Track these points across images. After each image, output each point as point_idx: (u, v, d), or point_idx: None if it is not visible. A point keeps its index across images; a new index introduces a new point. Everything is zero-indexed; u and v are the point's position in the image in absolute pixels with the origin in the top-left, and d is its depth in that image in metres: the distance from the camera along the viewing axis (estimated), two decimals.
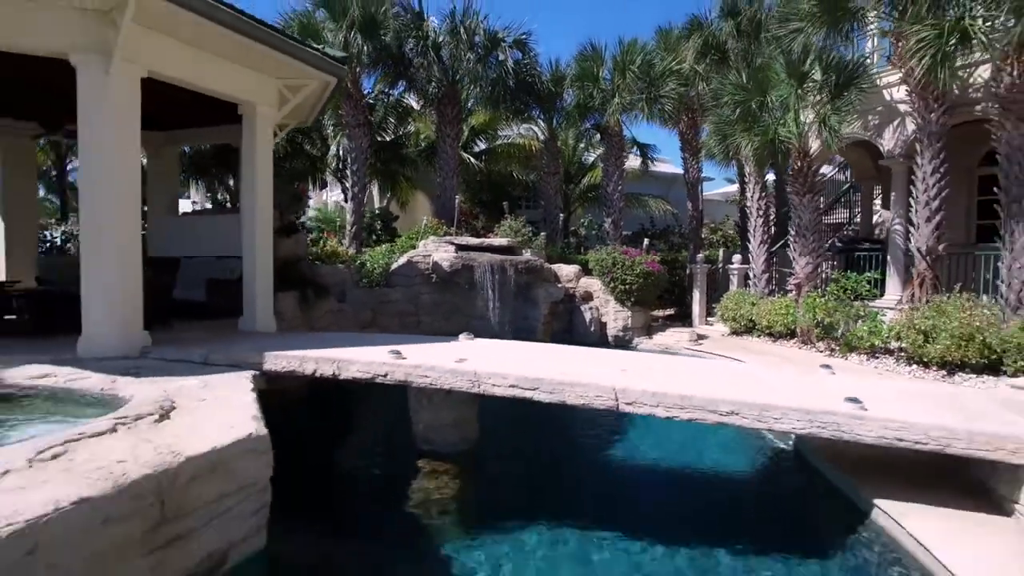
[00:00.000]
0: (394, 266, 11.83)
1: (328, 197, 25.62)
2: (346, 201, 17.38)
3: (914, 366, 9.07)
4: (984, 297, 9.61)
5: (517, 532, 4.34)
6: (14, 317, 7.45)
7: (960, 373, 8.46)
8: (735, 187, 20.37)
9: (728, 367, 6.91)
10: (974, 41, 7.82)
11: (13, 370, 5.35)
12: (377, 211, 18.56)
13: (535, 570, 3.92)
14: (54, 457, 3.17)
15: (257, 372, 5.56)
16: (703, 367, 6.70)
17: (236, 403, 4.55)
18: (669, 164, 25.54)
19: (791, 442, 6.17)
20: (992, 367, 8.16)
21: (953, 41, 7.80)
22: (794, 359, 10.03)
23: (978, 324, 8.30)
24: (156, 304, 7.47)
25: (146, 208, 11.00)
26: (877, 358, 9.76)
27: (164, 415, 4.09)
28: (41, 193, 22.74)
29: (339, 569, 4.24)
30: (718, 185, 31.43)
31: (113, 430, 3.67)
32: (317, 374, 5.49)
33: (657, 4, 69.52)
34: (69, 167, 21.83)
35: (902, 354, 9.44)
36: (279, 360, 5.65)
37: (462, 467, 5.42)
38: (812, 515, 4.95)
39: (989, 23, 7.97)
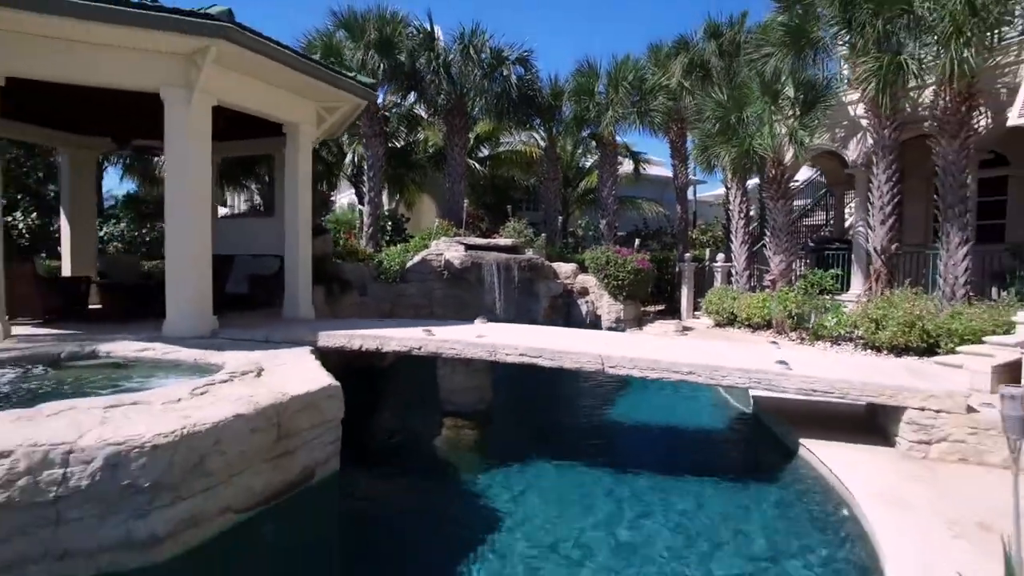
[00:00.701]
0: (409, 264, 13.15)
1: (339, 199, 26.91)
2: (360, 204, 18.71)
3: (869, 351, 10.40)
4: (935, 291, 10.97)
5: (522, 465, 5.66)
6: (99, 306, 8.76)
7: (905, 356, 9.79)
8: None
9: (693, 344, 8.26)
10: (909, 72, 9.17)
11: (117, 344, 6.69)
12: (386, 212, 19.87)
13: (537, 489, 5.23)
14: (203, 393, 4.51)
15: (312, 347, 6.87)
16: (675, 343, 8.04)
17: (307, 367, 5.87)
18: (662, 168, 26.82)
19: (751, 407, 7.51)
20: (930, 349, 9.49)
21: (891, 72, 9.14)
22: (764, 344, 11.34)
23: (918, 313, 9.66)
24: (215, 296, 8.78)
25: None
26: (839, 344, 11.09)
27: (259, 373, 5.41)
28: None
29: (386, 490, 5.58)
30: (712, 187, 32.63)
31: (231, 380, 5.00)
32: (363, 348, 6.81)
33: (653, 10, 71.01)
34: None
35: (860, 340, 10.77)
36: (331, 338, 6.98)
37: (479, 422, 6.76)
38: (758, 452, 6.31)
39: (925, 53, 9.32)
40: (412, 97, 17.27)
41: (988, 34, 8.85)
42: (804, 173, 20.37)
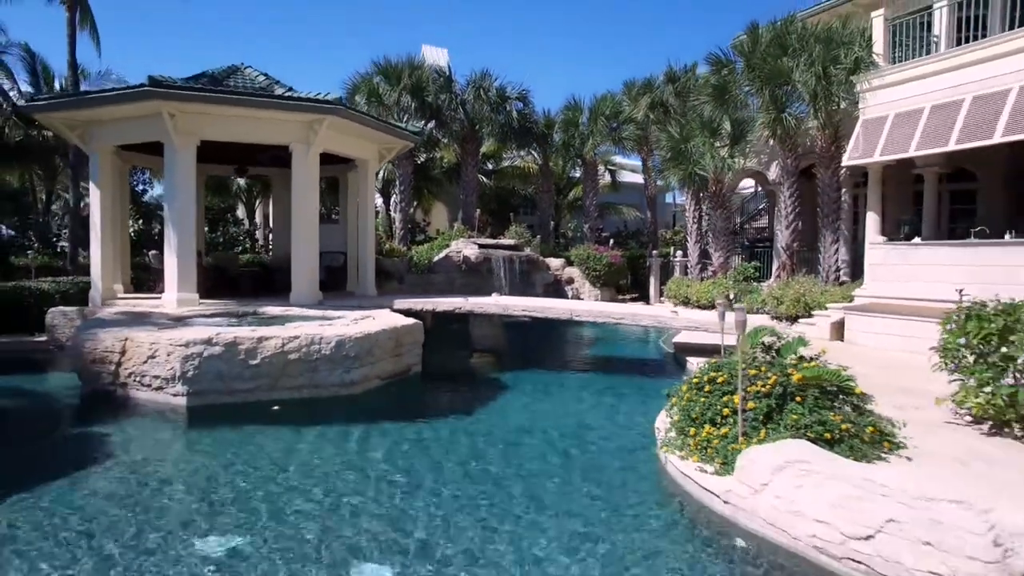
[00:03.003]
0: (435, 259, 17.12)
1: None
2: (387, 212, 22.70)
3: (774, 319, 14.41)
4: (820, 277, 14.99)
5: (522, 372, 9.63)
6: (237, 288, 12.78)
7: (797, 321, 13.83)
8: None
9: (631, 306, 12.32)
10: (789, 125, 13.21)
11: (266, 308, 10.64)
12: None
13: (541, 386, 9.17)
14: (356, 322, 8.51)
15: (391, 309, 10.85)
16: (618, 306, 12.09)
17: (397, 316, 9.84)
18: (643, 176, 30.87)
19: (672, 350, 11.53)
20: (810, 316, 13.52)
21: (778, 124, 13.18)
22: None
23: (803, 292, 13.69)
24: None
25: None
26: (758, 315, 15.11)
27: (372, 318, 9.41)
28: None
29: (444, 381, 9.55)
30: None
31: (362, 319, 8.99)
32: (423, 309, 10.81)
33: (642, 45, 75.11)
34: None
35: (770, 313, 14.80)
36: (402, 304, 10.97)
37: (495, 355, 10.79)
38: (667, 366, 10.34)
39: (803, 111, 13.36)
40: (432, 124, 21.24)
41: (849, 95, 12.84)
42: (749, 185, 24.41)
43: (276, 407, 7.05)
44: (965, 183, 15.19)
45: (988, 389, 5.25)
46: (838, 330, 11.77)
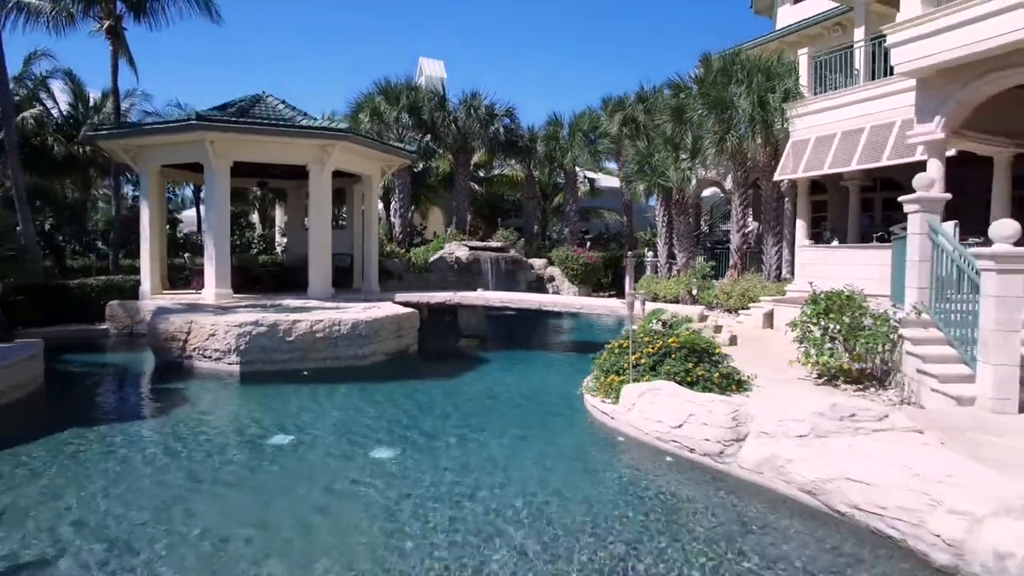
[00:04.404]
0: (431, 259, 19.29)
1: None
2: (388, 217, 24.88)
3: (723, 311, 16.63)
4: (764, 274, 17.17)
5: (501, 353, 11.82)
6: (259, 284, 14.97)
7: (738, 313, 16.03)
8: None
9: (588, 298, 14.53)
10: (731, 144, 15.42)
11: (287, 301, 12.81)
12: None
13: (512, 361, 11.36)
14: (366, 310, 10.69)
15: (392, 301, 13.02)
16: (582, 299, 14.29)
17: (399, 307, 12.01)
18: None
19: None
20: (748, 308, 15.71)
21: (723, 142, 15.40)
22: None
23: (748, 287, 15.88)
24: None
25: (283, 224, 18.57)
26: (712, 309, 17.31)
27: (378, 308, 11.57)
28: None
29: (434, 359, 11.72)
30: None
31: (372, 308, 11.16)
32: (419, 302, 12.99)
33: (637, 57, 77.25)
34: None
35: (721, 306, 17.01)
36: (402, 297, 13.15)
37: (480, 339, 12.97)
38: None
39: (745, 131, 15.56)
40: (428, 137, 23.42)
41: (783, 119, 15.01)
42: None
43: (305, 372, 9.23)
44: (898, 192, 17.43)
45: (814, 352, 7.45)
46: (768, 319, 13.96)
